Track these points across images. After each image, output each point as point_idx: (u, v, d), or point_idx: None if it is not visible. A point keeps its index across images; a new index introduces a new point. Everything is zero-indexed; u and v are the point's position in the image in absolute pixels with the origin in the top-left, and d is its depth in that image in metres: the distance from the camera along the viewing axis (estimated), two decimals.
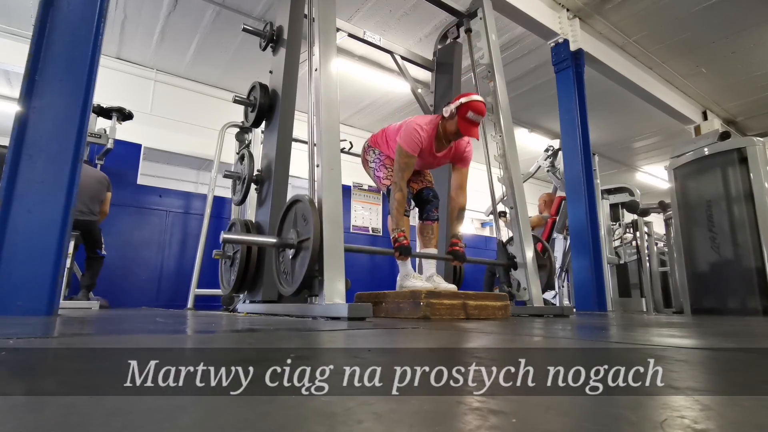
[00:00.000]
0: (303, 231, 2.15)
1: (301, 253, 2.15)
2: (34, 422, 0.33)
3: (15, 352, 0.73)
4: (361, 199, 6.70)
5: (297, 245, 2.17)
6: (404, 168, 2.51)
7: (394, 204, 2.52)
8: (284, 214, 2.32)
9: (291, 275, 2.19)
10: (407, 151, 2.50)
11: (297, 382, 0.52)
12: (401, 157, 2.51)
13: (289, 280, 2.20)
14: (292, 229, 2.23)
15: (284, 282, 2.26)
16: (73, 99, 1.97)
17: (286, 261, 2.26)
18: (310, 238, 2.05)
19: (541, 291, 3.08)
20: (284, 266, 2.28)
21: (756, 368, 0.70)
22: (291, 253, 2.20)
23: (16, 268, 1.75)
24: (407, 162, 2.51)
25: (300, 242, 2.15)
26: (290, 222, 2.28)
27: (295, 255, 2.18)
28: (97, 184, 3.95)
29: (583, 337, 1.29)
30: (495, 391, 0.48)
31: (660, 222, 6.64)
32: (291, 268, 2.20)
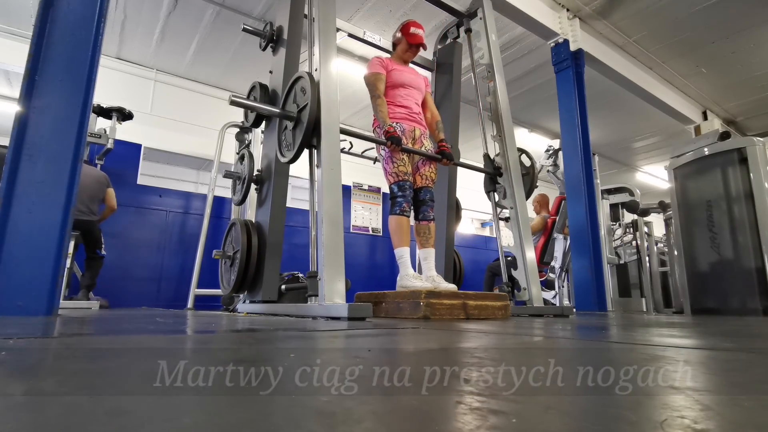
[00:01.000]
0: (301, 101, 2.36)
1: (299, 123, 2.36)
2: (34, 422, 0.33)
3: (15, 352, 0.73)
4: (361, 199, 6.70)
5: (297, 114, 2.38)
6: (375, 82, 2.81)
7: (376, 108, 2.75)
8: (288, 91, 2.51)
9: (292, 145, 2.39)
10: (372, 72, 2.84)
11: (297, 382, 0.52)
12: (370, 78, 2.83)
13: (290, 148, 2.41)
14: (293, 104, 2.45)
15: (285, 151, 2.47)
16: (73, 99, 1.97)
17: (287, 135, 2.47)
18: (307, 104, 2.27)
19: (540, 290, 3.08)
20: (286, 139, 2.49)
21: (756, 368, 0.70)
22: (291, 125, 2.43)
23: (16, 269, 1.75)
24: (376, 77, 2.82)
25: (299, 112, 2.37)
26: (292, 98, 2.48)
27: (295, 125, 2.40)
28: (96, 184, 3.95)
29: (583, 337, 1.29)
30: (495, 391, 0.48)
31: (660, 222, 6.64)
32: (292, 138, 2.41)
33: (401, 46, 2.97)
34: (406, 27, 2.96)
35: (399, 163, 2.70)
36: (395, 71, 2.88)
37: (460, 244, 5.59)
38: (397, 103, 2.86)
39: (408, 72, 2.96)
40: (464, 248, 7.17)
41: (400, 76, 2.89)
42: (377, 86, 2.79)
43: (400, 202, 2.67)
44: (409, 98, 2.90)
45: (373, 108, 2.80)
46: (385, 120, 2.71)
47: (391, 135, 2.63)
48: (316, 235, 2.23)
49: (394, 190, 2.70)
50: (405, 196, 2.68)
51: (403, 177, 2.69)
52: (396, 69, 2.90)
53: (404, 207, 2.68)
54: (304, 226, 5.75)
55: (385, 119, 2.71)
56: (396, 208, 2.68)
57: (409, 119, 2.85)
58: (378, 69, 2.84)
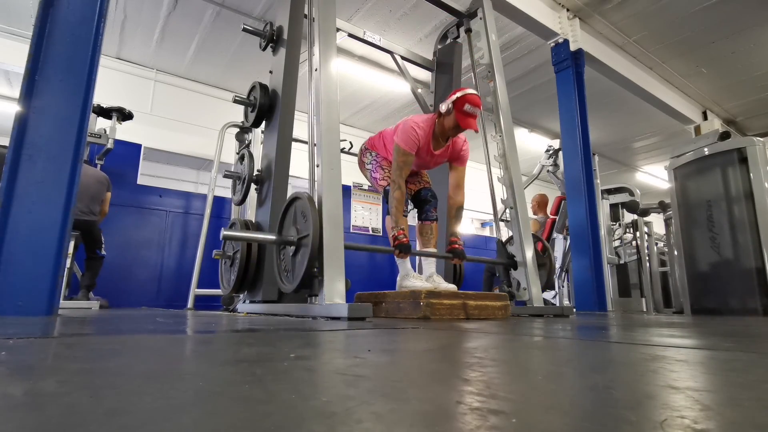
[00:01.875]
0: (303, 228, 2.16)
1: (301, 250, 2.15)
2: (34, 422, 0.33)
3: (15, 352, 0.73)
4: (361, 199, 6.70)
5: (297, 242, 2.18)
6: (402, 166, 2.53)
7: (393, 203, 2.53)
8: (284, 212, 2.33)
9: (292, 272, 2.20)
10: (405, 149, 2.52)
11: (297, 382, 0.52)
12: (399, 156, 2.52)
13: (290, 278, 2.21)
14: (293, 227, 2.24)
15: (285, 279, 2.26)
16: (73, 99, 1.97)
17: (286, 258, 2.26)
18: (309, 234, 2.06)
19: (541, 291, 3.08)
20: (285, 264, 2.29)
21: (756, 368, 0.70)
22: (291, 251, 2.21)
23: (16, 268, 1.75)
24: (405, 160, 2.52)
25: (300, 239, 2.16)
26: (290, 219, 2.29)
27: (295, 252, 2.19)
28: (97, 184, 3.95)
29: (583, 337, 1.29)
30: (495, 391, 0.48)
31: (660, 222, 6.64)
32: (292, 265, 2.21)
33: (447, 120, 2.50)
34: (461, 102, 2.44)
35: (388, 168, 2.70)
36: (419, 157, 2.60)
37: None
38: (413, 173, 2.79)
39: (434, 161, 2.69)
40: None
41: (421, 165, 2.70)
42: (403, 172, 2.51)
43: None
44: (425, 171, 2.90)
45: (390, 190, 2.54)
46: (398, 222, 2.49)
47: (400, 243, 2.48)
48: None
49: (390, 190, 2.70)
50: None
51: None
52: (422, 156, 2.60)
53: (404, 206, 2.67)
54: None
55: (398, 221, 2.49)
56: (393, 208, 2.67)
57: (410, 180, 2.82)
58: (411, 147, 2.50)
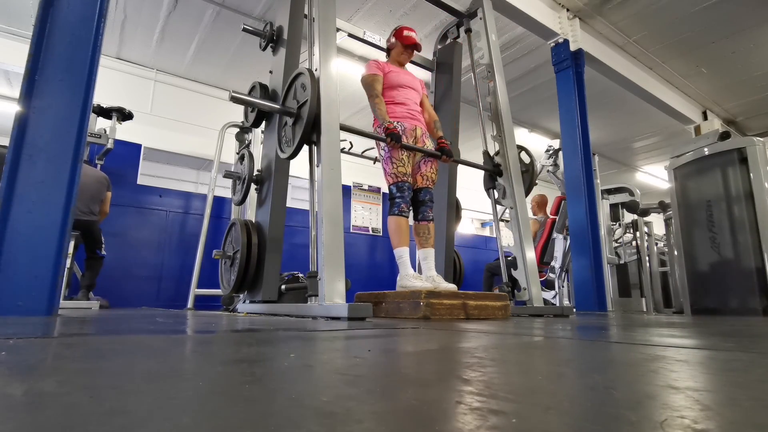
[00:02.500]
0: (301, 98, 2.36)
1: (299, 119, 2.35)
2: (34, 422, 0.33)
3: (15, 352, 0.73)
4: (361, 199, 6.70)
5: (297, 111, 2.38)
6: (372, 82, 2.82)
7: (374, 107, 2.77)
8: (288, 87, 2.52)
9: (292, 140, 2.41)
10: (369, 73, 2.85)
11: (297, 382, 0.52)
12: (367, 79, 2.84)
13: (290, 143, 2.42)
14: (293, 100, 2.45)
15: (285, 147, 2.49)
16: (73, 99, 1.97)
17: (287, 130, 2.49)
18: (307, 101, 2.27)
19: (540, 290, 3.08)
20: (286, 135, 2.50)
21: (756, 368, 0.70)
22: (291, 121, 2.43)
23: (16, 268, 1.75)
24: (373, 78, 2.84)
25: (299, 107, 2.36)
26: (292, 94, 2.49)
27: (294, 121, 2.41)
28: (97, 184, 3.95)
29: (583, 337, 1.29)
30: (495, 391, 0.48)
31: (660, 222, 6.64)
32: (292, 134, 2.42)
33: (396, 49, 3.01)
34: (399, 31, 3.02)
35: (398, 164, 2.70)
36: (392, 73, 2.91)
37: (460, 244, 5.58)
38: (396, 102, 2.87)
39: (404, 74, 2.99)
40: (464, 248, 7.17)
41: (397, 77, 2.91)
42: (374, 86, 2.81)
43: (399, 202, 2.68)
44: (407, 98, 2.91)
45: (371, 108, 2.80)
46: (385, 117, 2.71)
47: (390, 131, 2.63)
48: (316, 235, 2.23)
49: (393, 190, 2.72)
50: (404, 197, 2.69)
51: (402, 178, 2.70)
52: (392, 71, 2.92)
53: (403, 208, 2.69)
54: (304, 226, 5.75)
55: (385, 116, 2.72)
56: (395, 208, 2.69)
57: (409, 117, 2.86)
58: (374, 70, 2.87)
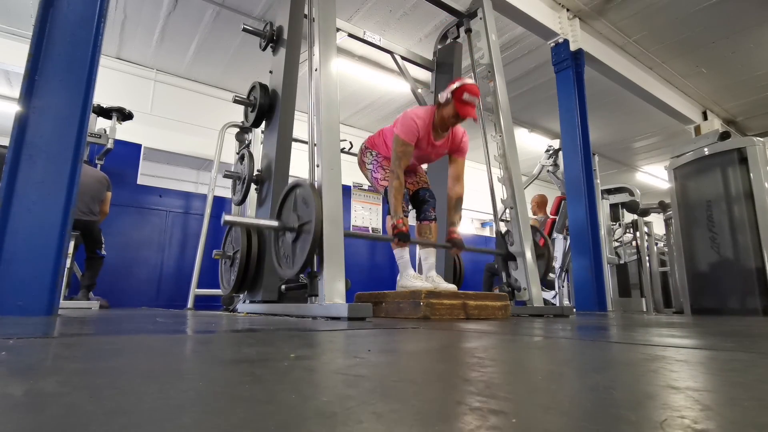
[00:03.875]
0: (303, 215, 2.19)
1: (301, 236, 2.18)
2: (34, 422, 0.33)
3: (15, 352, 0.73)
4: (361, 199, 6.70)
5: (298, 228, 2.20)
6: (401, 156, 2.53)
7: (392, 192, 2.52)
8: (284, 198, 2.35)
9: (292, 258, 2.22)
10: (404, 140, 2.53)
11: (297, 382, 0.52)
12: (398, 146, 2.53)
13: (290, 263, 2.23)
14: (293, 213, 2.26)
15: (284, 265, 2.29)
16: (73, 99, 1.97)
17: (286, 245, 2.30)
18: (311, 221, 2.08)
19: (540, 290, 3.08)
20: (284, 250, 2.32)
21: (756, 368, 0.70)
22: (291, 237, 2.23)
23: (16, 268, 1.75)
24: (404, 150, 2.53)
25: (301, 225, 2.19)
26: (290, 206, 2.31)
27: (295, 239, 2.22)
28: (97, 184, 3.95)
29: (583, 337, 1.29)
30: (495, 391, 0.48)
31: (660, 222, 6.64)
32: (291, 251, 2.23)
33: (446, 110, 2.53)
34: (460, 91, 2.48)
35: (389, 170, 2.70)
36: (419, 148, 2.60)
37: None
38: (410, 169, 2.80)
39: (434, 152, 2.71)
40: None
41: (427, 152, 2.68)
42: (401, 163, 2.51)
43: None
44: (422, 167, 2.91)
45: (390, 181, 2.54)
46: (397, 211, 2.48)
47: (399, 231, 2.46)
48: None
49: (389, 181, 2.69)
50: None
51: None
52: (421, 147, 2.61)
53: (403, 207, 2.67)
54: None
55: (397, 210, 2.48)
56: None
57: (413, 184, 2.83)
58: (411, 138, 2.52)
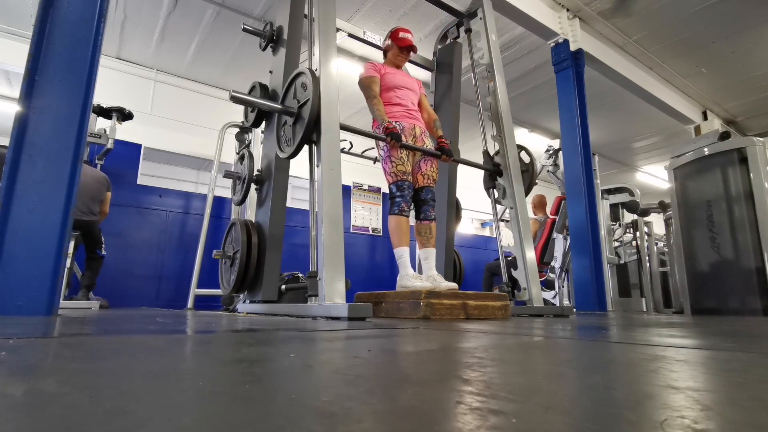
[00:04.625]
0: (302, 97, 2.37)
1: (300, 119, 2.35)
2: (34, 422, 0.33)
3: (15, 352, 0.73)
4: (361, 199, 6.70)
5: (297, 111, 2.38)
6: (369, 84, 2.83)
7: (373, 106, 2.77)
8: (288, 85, 2.51)
9: (292, 139, 2.40)
10: (366, 75, 2.86)
11: (297, 382, 0.52)
12: (364, 80, 2.85)
13: (291, 143, 2.41)
14: (293, 99, 2.45)
15: (284, 147, 2.49)
16: (73, 99, 1.97)
17: (287, 129, 2.48)
18: (309, 99, 2.26)
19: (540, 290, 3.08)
20: (285, 134, 2.50)
21: (756, 368, 0.70)
22: (291, 121, 2.42)
23: (16, 268, 1.75)
24: (370, 80, 2.85)
25: (300, 107, 2.36)
26: (292, 93, 2.48)
27: (294, 122, 2.40)
28: (97, 184, 3.95)
29: (583, 337, 1.29)
30: (495, 391, 0.48)
31: (660, 222, 6.64)
32: (292, 133, 2.42)
33: (392, 51, 3.02)
34: (394, 33, 3.02)
35: (397, 163, 2.70)
36: (388, 74, 2.92)
37: (460, 244, 5.58)
38: (394, 102, 2.88)
39: (401, 75, 3.00)
40: (464, 248, 7.16)
41: (393, 78, 2.92)
42: (372, 88, 2.82)
43: (399, 202, 2.68)
44: (405, 98, 2.92)
45: (369, 109, 2.82)
46: (383, 117, 2.72)
47: (391, 131, 2.64)
48: (316, 235, 2.23)
49: (393, 190, 2.71)
50: (404, 196, 2.68)
51: (402, 177, 2.70)
52: (389, 72, 2.93)
53: (403, 207, 2.68)
54: (304, 226, 5.75)
55: (383, 116, 2.73)
56: (395, 207, 2.68)
57: (408, 117, 2.87)
58: (371, 72, 2.88)
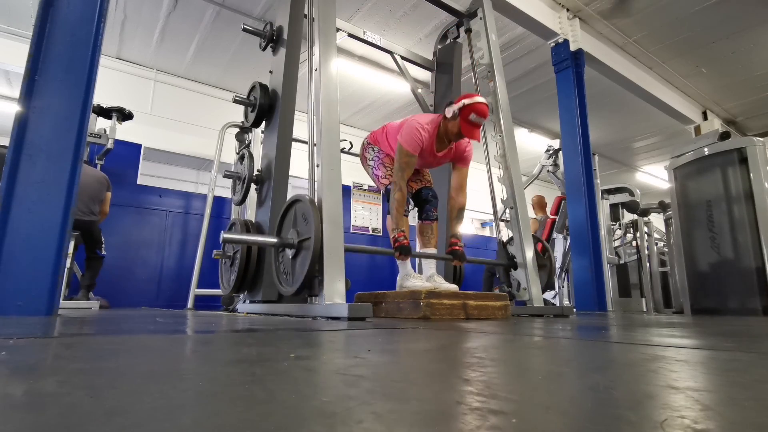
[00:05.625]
0: (303, 231, 2.16)
1: (301, 252, 2.15)
2: (34, 422, 0.33)
3: (15, 352, 0.73)
4: (361, 199, 6.69)
5: (297, 245, 2.17)
6: (404, 167, 2.51)
7: (393, 204, 2.52)
8: (284, 214, 2.33)
9: (291, 275, 2.20)
10: (408, 151, 2.50)
11: (297, 382, 0.52)
12: (402, 156, 2.51)
13: (290, 281, 2.21)
14: (292, 229, 2.23)
15: (284, 282, 2.26)
16: (73, 99, 1.97)
17: (286, 261, 2.26)
18: (311, 237, 2.05)
19: (541, 291, 3.08)
20: (284, 266, 2.28)
21: (756, 368, 0.70)
22: (291, 253, 2.20)
23: (16, 268, 1.75)
24: (408, 161, 2.51)
25: (300, 242, 2.16)
26: (290, 222, 2.29)
27: (295, 255, 2.19)
28: (97, 184, 3.95)
29: (583, 337, 1.29)
30: (495, 391, 0.48)
31: (660, 222, 6.64)
32: (291, 268, 2.20)
33: (452, 125, 2.50)
34: (467, 110, 2.41)
35: (391, 166, 2.69)
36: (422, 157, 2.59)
37: None
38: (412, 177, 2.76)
39: (436, 162, 2.70)
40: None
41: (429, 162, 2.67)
42: (404, 174, 2.49)
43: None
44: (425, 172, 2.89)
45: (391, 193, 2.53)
46: (399, 224, 2.50)
47: (400, 245, 2.47)
48: None
49: (391, 189, 2.69)
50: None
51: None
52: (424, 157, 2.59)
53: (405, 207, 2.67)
54: None
55: (399, 223, 2.49)
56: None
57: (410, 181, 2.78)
58: (414, 149, 2.49)
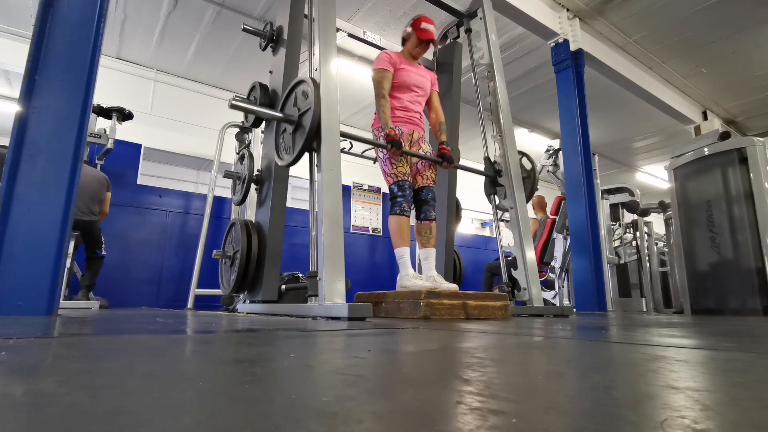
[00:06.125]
0: (304, 106, 2.36)
1: (300, 126, 2.35)
2: (34, 422, 0.33)
3: (15, 352, 0.73)
4: (361, 199, 6.70)
5: (298, 118, 2.37)
6: (381, 80, 2.75)
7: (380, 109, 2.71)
8: (288, 93, 2.50)
9: (292, 147, 2.40)
10: (379, 68, 2.77)
11: (297, 382, 0.52)
12: (376, 75, 2.77)
13: (290, 151, 2.41)
14: (294, 107, 2.44)
15: (285, 154, 2.48)
16: (73, 99, 1.97)
17: (287, 137, 2.47)
18: (310, 108, 2.25)
19: (540, 290, 3.08)
20: (285, 142, 2.49)
21: (756, 368, 0.70)
22: (291, 129, 2.41)
23: (16, 268, 1.75)
24: (382, 75, 2.76)
25: (300, 115, 2.37)
26: (292, 101, 2.48)
27: (295, 129, 2.39)
28: (97, 184, 3.95)
29: (583, 337, 1.29)
30: (495, 391, 0.48)
31: (660, 222, 6.64)
32: (292, 141, 2.42)
33: (411, 41, 2.87)
34: (417, 22, 2.86)
35: (398, 164, 2.70)
36: (403, 71, 2.82)
37: (460, 244, 5.59)
38: (398, 106, 2.84)
39: (416, 72, 2.90)
40: (464, 248, 7.17)
41: (407, 76, 2.84)
42: (383, 84, 2.74)
43: (400, 202, 2.68)
44: (412, 101, 2.88)
45: (376, 106, 2.75)
46: (387, 123, 2.67)
47: (392, 138, 2.61)
48: (316, 235, 2.23)
49: (394, 190, 2.71)
50: (405, 195, 2.68)
51: (403, 177, 2.69)
52: (404, 68, 2.83)
53: (404, 207, 2.68)
54: (304, 226, 5.75)
55: (387, 122, 2.68)
56: (396, 208, 2.68)
57: (408, 122, 2.85)
58: (385, 65, 2.77)
